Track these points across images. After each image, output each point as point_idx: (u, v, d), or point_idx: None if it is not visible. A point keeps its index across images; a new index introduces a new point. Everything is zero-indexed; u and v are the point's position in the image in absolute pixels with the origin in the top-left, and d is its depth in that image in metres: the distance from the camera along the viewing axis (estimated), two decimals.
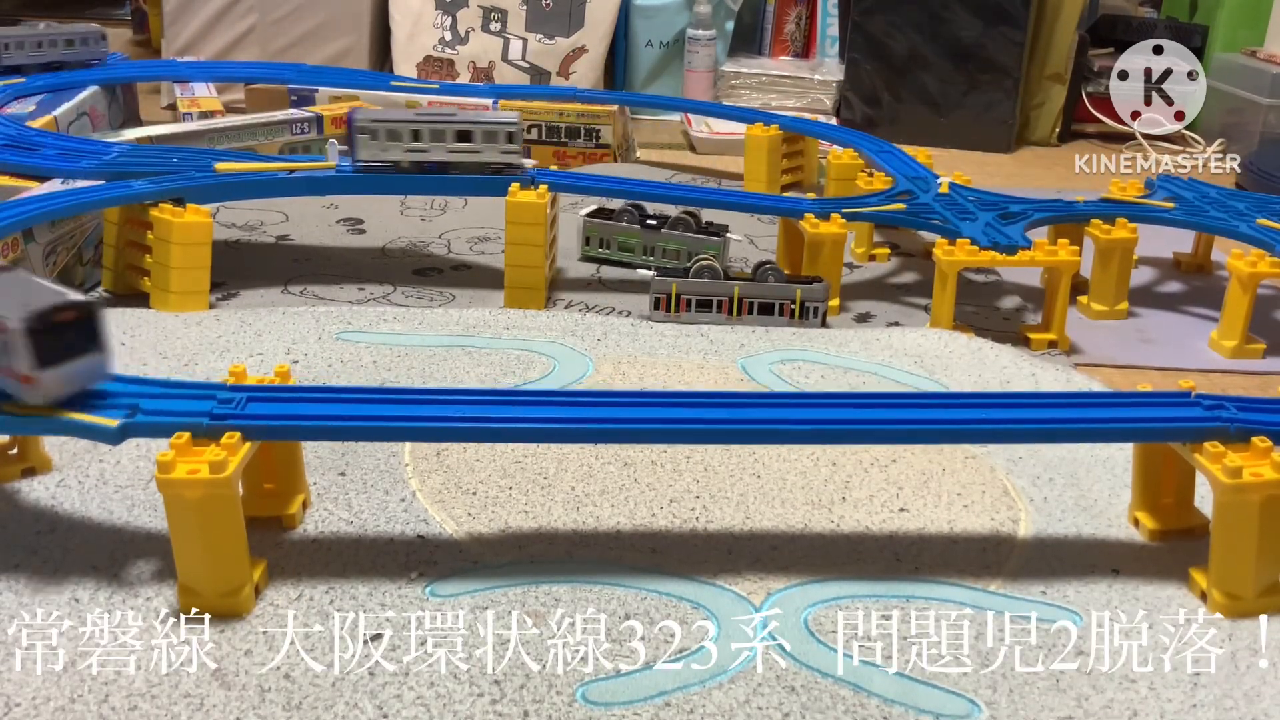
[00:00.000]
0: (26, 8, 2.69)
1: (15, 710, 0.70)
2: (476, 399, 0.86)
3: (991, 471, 1.01)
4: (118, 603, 0.79)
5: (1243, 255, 1.30)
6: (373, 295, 1.39)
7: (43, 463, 0.95)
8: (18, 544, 0.86)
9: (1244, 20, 2.35)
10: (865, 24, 2.26)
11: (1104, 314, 1.42)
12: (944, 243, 1.31)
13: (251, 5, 2.25)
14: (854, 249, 1.61)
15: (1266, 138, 2.13)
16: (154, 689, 0.72)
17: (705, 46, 2.33)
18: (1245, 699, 0.75)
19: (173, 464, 0.75)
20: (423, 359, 1.19)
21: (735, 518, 0.93)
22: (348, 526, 0.90)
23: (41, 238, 1.26)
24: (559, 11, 2.28)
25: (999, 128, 2.26)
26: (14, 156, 1.37)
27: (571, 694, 0.73)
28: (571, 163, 1.96)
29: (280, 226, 1.64)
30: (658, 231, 1.50)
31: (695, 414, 0.84)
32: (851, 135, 1.80)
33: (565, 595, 0.82)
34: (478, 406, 0.84)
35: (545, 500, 0.94)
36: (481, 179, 1.40)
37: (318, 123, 1.76)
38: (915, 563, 0.88)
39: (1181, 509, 0.93)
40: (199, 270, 1.30)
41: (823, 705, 0.73)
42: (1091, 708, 0.73)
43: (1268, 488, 0.79)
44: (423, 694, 0.72)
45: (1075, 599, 0.84)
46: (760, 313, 1.32)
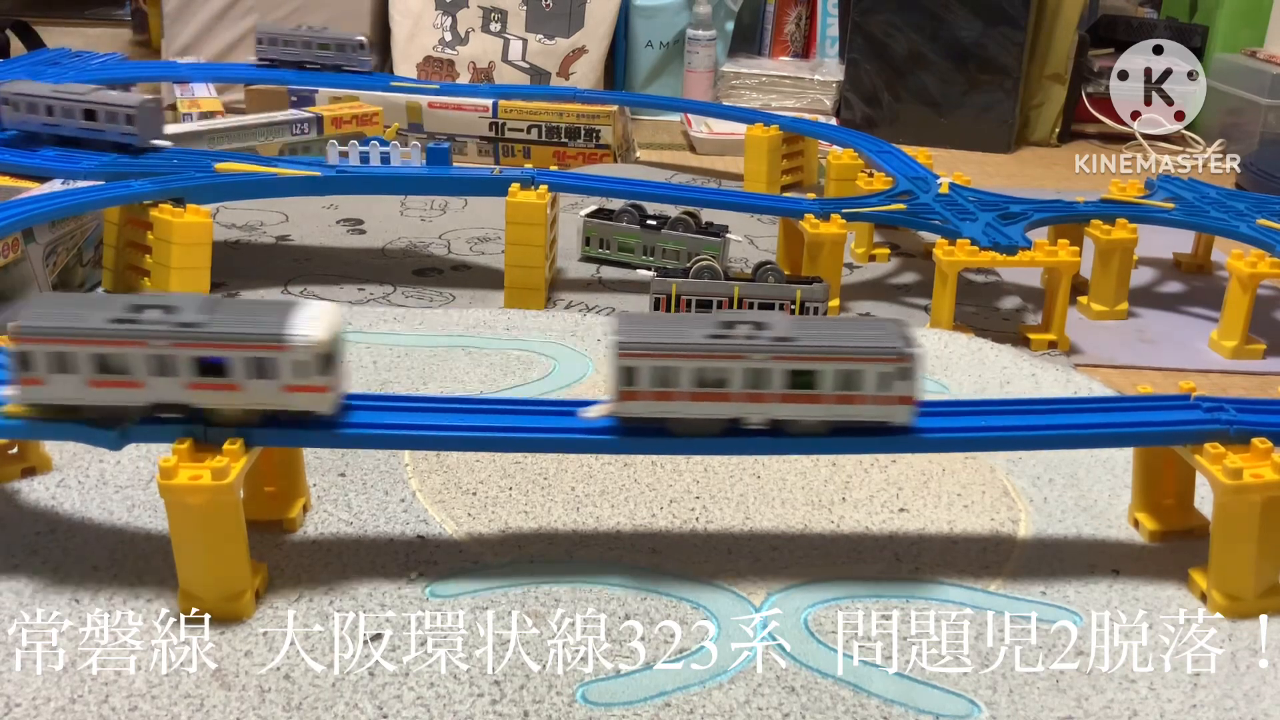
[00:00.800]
0: (27, 8, 2.69)
1: (15, 710, 0.70)
2: (475, 407, 0.85)
3: (991, 471, 1.01)
4: (118, 603, 0.79)
5: (1243, 255, 1.30)
6: (373, 295, 1.39)
7: (43, 463, 0.95)
8: (18, 544, 0.86)
9: (1244, 20, 2.35)
10: (865, 24, 2.26)
11: (1104, 314, 1.42)
12: (944, 243, 1.31)
13: (251, 5, 2.25)
14: (854, 249, 1.61)
15: (1266, 138, 2.13)
16: (154, 689, 0.72)
17: (705, 47, 2.33)
18: (1245, 699, 0.75)
19: (175, 470, 0.75)
20: (423, 359, 1.19)
21: (735, 518, 0.93)
22: (348, 527, 0.90)
23: (41, 238, 1.26)
24: (559, 12, 2.28)
25: (999, 128, 2.26)
26: (14, 156, 1.37)
27: (571, 694, 0.73)
28: (571, 163, 1.96)
29: (280, 226, 1.64)
30: (658, 231, 1.50)
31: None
32: (851, 135, 1.80)
33: (565, 595, 0.82)
34: (476, 416, 0.84)
35: (545, 500, 0.94)
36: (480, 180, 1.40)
37: (318, 123, 1.76)
38: (915, 563, 0.88)
39: (1181, 510, 0.93)
40: (199, 270, 1.30)
41: (823, 705, 0.73)
42: (1091, 708, 0.73)
43: (1268, 489, 0.79)
44: (423, 694, 0.72)
45: (1075, 599, 0.84)
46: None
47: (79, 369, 0.75)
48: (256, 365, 0.75)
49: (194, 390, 0.76)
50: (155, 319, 0.75)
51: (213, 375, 0.75)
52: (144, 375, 0.75)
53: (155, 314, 0.75)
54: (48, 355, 0.74)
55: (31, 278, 1.25)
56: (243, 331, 0.75)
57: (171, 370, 0.75)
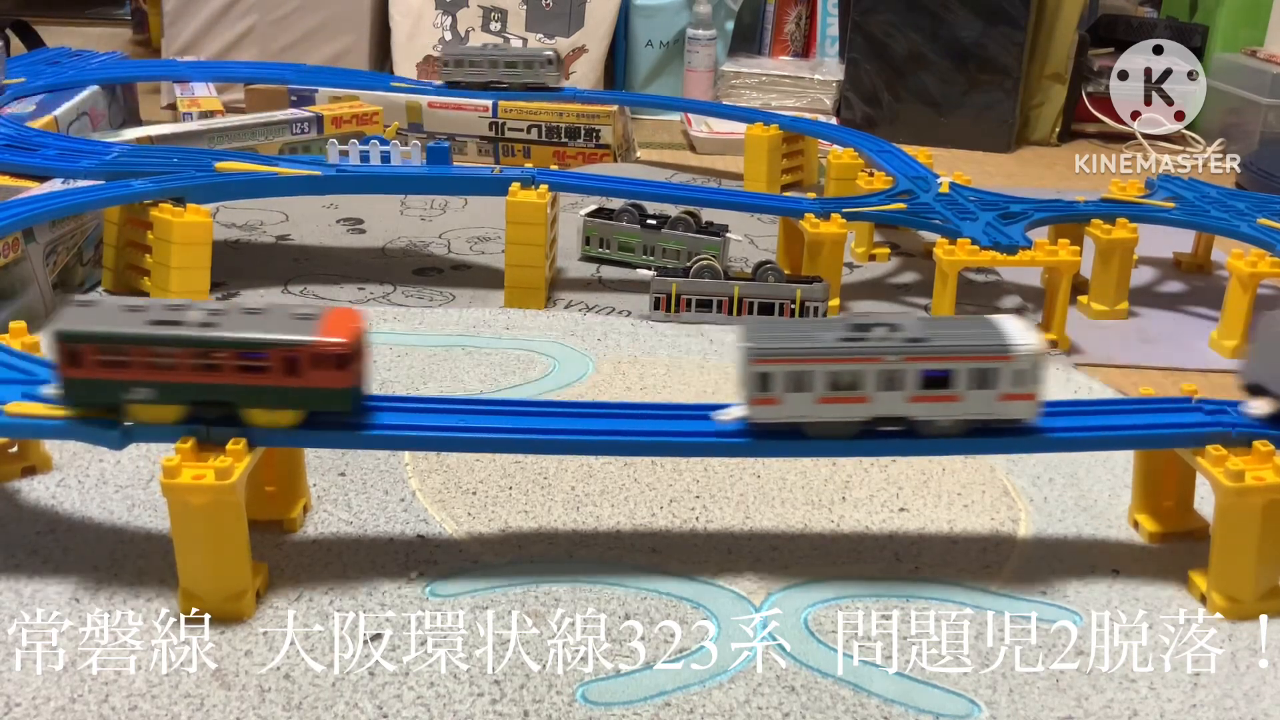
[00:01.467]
0: (27, 7, 2.69)
1: (15, 710, 0.70)
2: (477, 409, 0.85)
3: (991, 471, 1.01)
4: (118, 603, 0.79)
5: (1243, 255, 1.30)
6: (373, 295, 1.39)
7: (43, 462, 0.95)
8: (18, 544, 0.86)
9: (1244, 20, 2.34)
10: (865, 24, 2.26)
11: (1104, 314, 1.42)
12: (944, 242, 1.31)
13: (251, 5, 2.25)
14: (854, 249, 1.61)
15: (1266, 138, 2.13)
16: (154, 689, 0.72)
17: (705, 46, 2.33)
18: (1245, 699, 0.75)
19: (178, 469, 0.75)
20: (423, 359, 1.19)
21: (735, 518, 0.93)
22: (348, 527, 0.90)
23: (41, 238, 1.26)
24: (559, 11, 2.27)
25: (999, 128, 2.26)
26: (14, 156, 1.37)
27: (571, 694, 0.73)
28: (571, 163, 1.96)
29: (280, 226, 1.64)
30: (658, 231, 1.50)
31: (698, 426, 0.83)
32: (851, 135, 1.80)
33: (565, 595, 0.82)
34: (478, 416, 0.84)
35: (545, 500, 0.94)
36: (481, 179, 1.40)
37: (318, 123, 1.76)
38: (915, 563, 0.88)
39: (1181, 512, 0.93)
40: (199, 270, 1.30)
41: (823, 705, 0.73)
42: (1091, 708, 0.74)
43: (1269, 491, 0.79)
44: (423, 694, 0.72)
45: (1075, 599, 0.84)
46: (760, 313, 1.32)
47: (813, 387, 0.78)
48: (980, 376, 0.79)
49: (915, 403, 0.79)
50: (881, 336, 0.79)
51: (935, 387, 0.79)
52: (872, 390, 0.79)
53: (881, 331, 0.79)
54: (787, 375, 0.78)
55: (31, 277, 1.25)
56: (970, 344, 0.79)
57: (899, 384, 0.79)
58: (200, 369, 0.76)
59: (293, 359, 0.76)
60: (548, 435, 0.83)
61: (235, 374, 0.76)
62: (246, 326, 0.76)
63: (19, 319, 0.97)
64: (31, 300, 1.25)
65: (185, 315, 0.76)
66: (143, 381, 0.76)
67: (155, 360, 0.75)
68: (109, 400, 0.77)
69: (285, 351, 0.76)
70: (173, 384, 0.76)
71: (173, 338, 0.75)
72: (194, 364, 0.75)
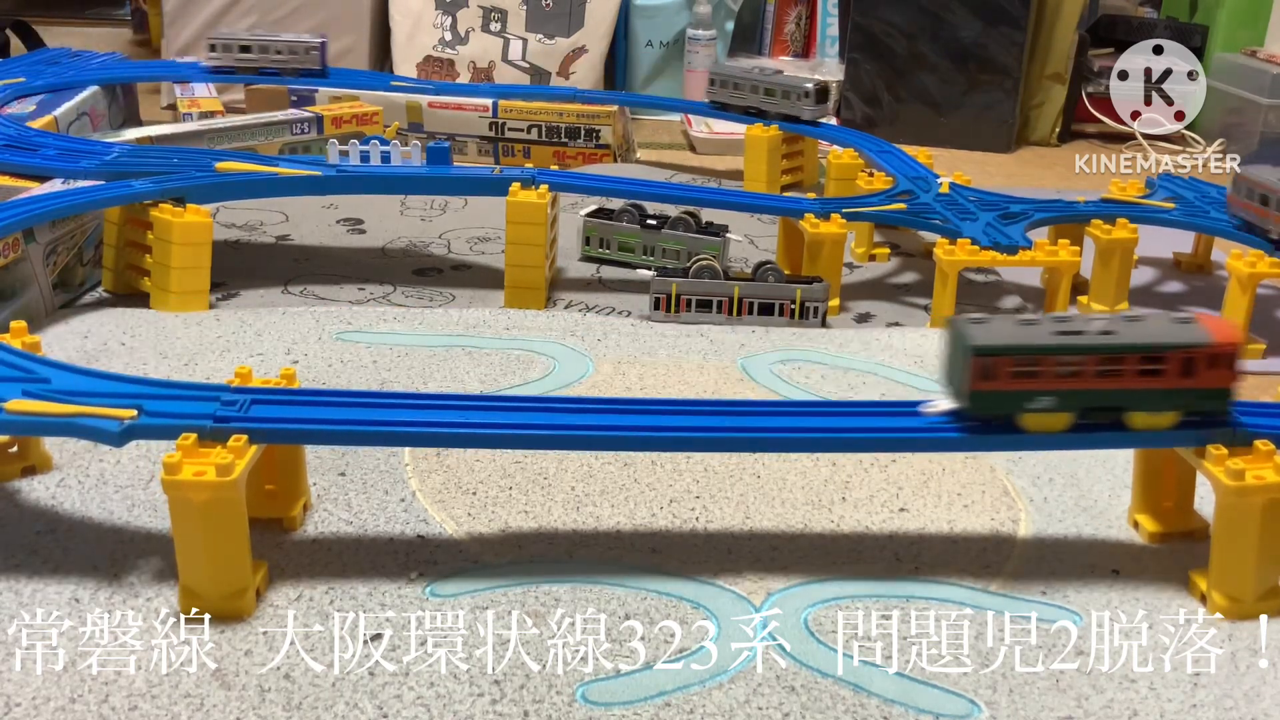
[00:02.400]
0: (27, 7, 2.69)
1: (15, 710, 0.70)
2: (480, 404, 0.86)
3: (991, 471, 1.01)
4: (118, 603, 0.79)
5: (1242, 255, 1.30)
6: (373, 295, 1.39)
7: (43, 461, 0.95)
8: (18, 544, 0.86)
9: (1244, 20, 2.34)
10: (865, 24, 2.26)
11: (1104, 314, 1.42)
12: (944, 242, 1.31)
13: (251, 5, 2.25)
14: (854, 249, 1.61)
15: (1266, 138, 2.13)
16: (154, 689, 0.72)
17: (705, 46, 2.33)
18: (1245, 699, 0.75)
19: (179, 465, 0.75)
20: (423, 359, 1.19)
21: (735, 518, 0.93)
22: (348, 527, 0.90)
23: (41, 238, 1.26)
24: (559, 11, 2.28)
25: (999, 128, 2.26)
26: (14, 156, 1.37)
27: (571, 694, 0.73)
28: (571, 163, 1.96)
29: (280, 226, 1.64)
30: (658, 231, 1.50)
31: (699, 422, 0.84)
32: (851, 135, 1.80)
33: (565, 595, 0.82)
34: (481, 412, 0.84)
35: (545, 500, 0.94)
36: (481, 179, 1.40)
37: (318, 123, 1.76)
38: (915, 563, 0.88)
39: (1181, 512, 0.93)
40: (199, 270, 1.30)
41: (823, 705, 0.73)
42: (1091, 708, 0.74)
43: (1270, 491, 0.79)
44: (423, 694, 0.72)
45: (1075, 599, 0.84)
46: (760, 313, 1.32)
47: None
48: None
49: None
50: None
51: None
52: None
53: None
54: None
55: (31, 277, 1.25)
56: None
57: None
58: (1099, 375, 0.80)
59: (1189, 361, 0.80)
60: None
61: (1132, 379, 0.80)
62: (1140, 334, 0.80)
63: (19, 319, 0.97)
64: (31, 300, 1.25)
65: (1084, 325, 0.81)
66: (1046, 391, 0.80)
67: (1059, 369, 0.80)
68: (1010, 410, 0.81)
69: (1182, 354, 0.80)
70: (1072, 391, 0.80)
71: (1082, 346, 0.79)
72: (1095, 370, 0.80)
